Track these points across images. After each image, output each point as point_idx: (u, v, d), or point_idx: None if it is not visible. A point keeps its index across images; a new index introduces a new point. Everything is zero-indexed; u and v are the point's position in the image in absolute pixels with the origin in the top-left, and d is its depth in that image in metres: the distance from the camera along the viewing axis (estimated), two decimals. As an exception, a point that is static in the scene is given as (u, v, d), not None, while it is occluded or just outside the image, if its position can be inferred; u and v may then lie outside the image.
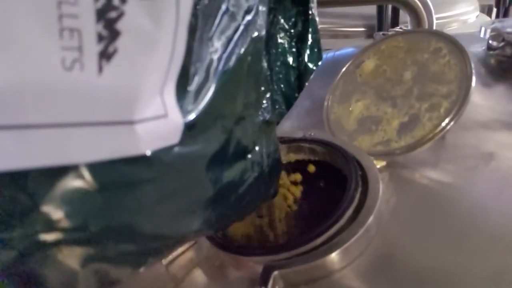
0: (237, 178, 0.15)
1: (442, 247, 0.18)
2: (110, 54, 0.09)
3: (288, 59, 0.19)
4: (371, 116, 0.26)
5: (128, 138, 0.10)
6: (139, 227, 0.12)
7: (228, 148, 0.14)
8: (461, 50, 0.24)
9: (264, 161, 0.17)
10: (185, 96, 0.12)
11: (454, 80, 0.24)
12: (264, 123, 0.16)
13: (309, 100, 0.37)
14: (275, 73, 0.19)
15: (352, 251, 0.18)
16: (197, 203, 0.14)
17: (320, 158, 0.25)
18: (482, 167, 0.23)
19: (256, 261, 0.19)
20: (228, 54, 0.13)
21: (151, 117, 0.11)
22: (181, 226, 0.13)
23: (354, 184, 0.20)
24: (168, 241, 0.14)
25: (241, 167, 0.15)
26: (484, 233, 0.18)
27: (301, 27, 0.19)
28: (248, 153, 0.16)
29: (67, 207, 0.10)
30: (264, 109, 0.16)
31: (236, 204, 0.16)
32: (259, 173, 0.16)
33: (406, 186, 0.23)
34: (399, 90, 0.26)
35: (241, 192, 0.16)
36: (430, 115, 0.24)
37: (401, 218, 0.21)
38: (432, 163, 0.24)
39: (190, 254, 0.22)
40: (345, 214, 0.19)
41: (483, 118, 0.28)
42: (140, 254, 0.13)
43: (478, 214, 0.20)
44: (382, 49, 0.28)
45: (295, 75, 0.20)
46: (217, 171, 0.14)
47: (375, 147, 0.25)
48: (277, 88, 0.19)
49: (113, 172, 0.10)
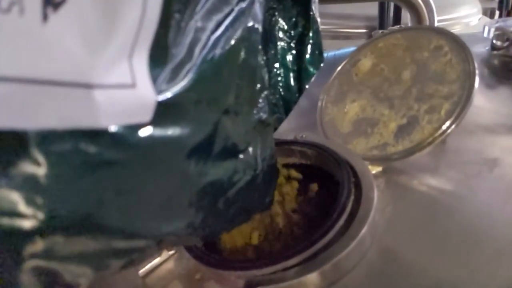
0: (225, 179, 0.14)
1: (442, 261, 0.17)
2: (57, 2, 0.08)
3: (287, 61, 0.18)
4: (367, 118, 0.25)
5: (84, 105, 0.09)
6: (100, 220, 0.10)
7: (214, 141, 0.13)
8: (463, 48, 0.23)
9: (258, 165, 0.16)
10: (161, 71, 0.11)
11: (456, 80, 0.22)
12: (260, 123, 0.15)
13: (307, 100, 0.36)
14: (273, 75, 0.18)
15: (343, 266, 0.17)
16: (176, 199, 0.12)
17: (311, 162, 0.23)
18: (485, 174, 0.22)
19: (238, 276, 0.18)
20: (217, 37, 0.12)
21: (115, 84, 0.09)
22: (156, 224, 0.12)
23: (346, 191, 0.19)
24: (139, 243, 0.12)
25: (231, 167, 0.14)
26: (488, 246, 0.18)
27: (302, 28, 0.19)
28: (240, 153, 0.15)
29: (8, 186, 0.08)
30: (260, 108, 0.15)
31: (225, 210, 0.15)
32: (252, 178, 0.15)
33: (403, 194, 0.22)
34: (397, 90, 0.24)
35: (231, 196, 0.15)
36: (430, 117, 0.22)
37: (398, 229, 0.20)
38: (432, 169, 0.23)
39: (170, 265, 0.21)
40: (336, 224, 0.18)
41: (487, 122, 0.26)
42: (101, 255, 0.11)
43: (482, 225, 0.19)
44: (379, 47, 0.27)
45: (295, 78, 0.19)
46: (201, 166, 0.13)
47: (370, 151, 0.23)
48: (275, 91, 0.18)
49: (66, 148, 0.09)
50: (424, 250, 0.18)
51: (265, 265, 0.17)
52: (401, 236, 0.19)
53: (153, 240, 0.12)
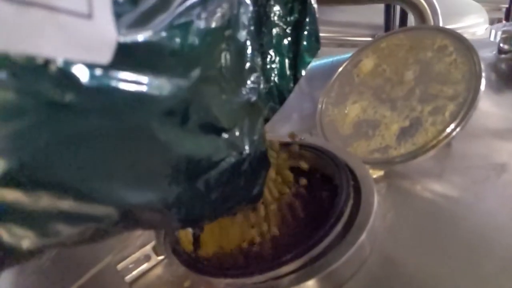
0: (205, 155, 0.13)
1: (446, 272, 0.16)
2: None
3: (282, 48, 0.17)
4: (368, 119, 0.24)
5: (22, 26, 0.07)
6: (44, 172, 0.09)
7: (189, 108, 0.12)
8: (468, 48, 0.22)
9: (245, 148, 0.15)
10: (128, 9, 0.10)
11: (461, 81, 0.21)
12: (248, 105, 0.15)
13: (309, 104, 0.36)
14: (268, 62, 0.17)
15: (340, 274, 0.16)
16: (145, 165, 0.11)
17: (310, 165, 0.22)
18: (492, 179, 0.21)
19: (228, 283, 0.17)
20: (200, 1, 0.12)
21: (67, 9, 0.08)
22: (119, 190, 0.11)
23: (345, 195, 0.18)
24: (96, 209, 0.10)
25: (213, 144, 0.13)
26: (495, 257, 0.17)
27: (298, 14, 0.18)
28: (224, 132, 0.14)
29: None
30: (249, 89, 0.15)
31: (205, 192, 0.14)
32: (237, 161, 0.14)
33: (405, 199, 0.21)
34: (399, 91, 0.23)
35: (212, 177, 0.14)
36: (433, 119, 0.21)
37: (399, 236, 0.19)
38: (436, 174, 0.22)
39: (158, 271, 0.20)
40: (333, 230, 0.17)
41: (494, 126, 0.26)
42: (46, 217, 0.09)
43: (489, 234, 0.18)
44: (382, 47, 0.26)
45: (290, 65, 0.18)
46: (174, 133, 0.12)
47: (371, 154, 0.22)
48: (269, 79, 0.17)
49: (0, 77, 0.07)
50: (426, 259, 0.17)
51: (256, 272, 0.16)
52: (403, 244, 0.18)
53: (116, 210, 0.11)
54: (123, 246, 0.21)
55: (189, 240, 0.20)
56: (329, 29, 0.73)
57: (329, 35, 0.72)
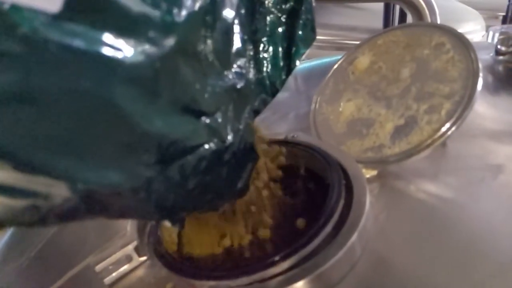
0: (180, 138, 0.12)
1: (440, 275, 0.16)
2: None
3: (276, 36, 0.17)
4: (363, 118, 0.23)
5: None
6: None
7: (159, 82, 0.11)
8: (466, 46, 0.21)
9: (228, 137, 0.14)
10: None
11: (458, 79, 0.21)
12: (234, 90, 0.14)
13: (307, 103, 0.35)
14: (261, 51, 0.17)
15: (329, 276, 0.16)
16: (105, 138, 0.10)
17: (301, 163, 0.22)
18: (489, 181, 0.20)
19: (211, 286, 0.16)
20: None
21: None
22: (75, 165, 0.10)
23: (336, 194, 0.17)
24: (44, 183, 0.10)
25: (189, 126, 0.12)
26: (491, 260, 0.16)
27: (294, 1, 0.17)
28: (205, 115, 0.13)
29: None
30: (236, 74, 0.14)
31: (182, 179, 0.13)
32: (218, 149, 0.14)
33: (399, 200, 0.20)
34: (395, 89, 0.23)
35: (189, 164, 0.13)
36: (429, 117, 0.20)
37: (392, 238, 0.18)
38: (431, 175, 0.21)
39: (140, 273, 0.19)
40: (322, 231, 0.16)
41: (491, 127, 0.25)
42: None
43: (484, 236, 0.18)
44: (378, 44, 0.25)
45: (284, 55, 0.17)
46: (141, 107, 0.10)
47: (365, 153, 0.22)
48: (261, 68, 0.17)
49: None
50: (420, 262, 0.17)
51: (241, 274, 0.15)
52: (395, 246, 0.18)
53: (68, 188, 0.10)
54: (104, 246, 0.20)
55: (172, 240, 0.19)
56: (328, 32, 0.73)
57: (327, 38, 0.73)
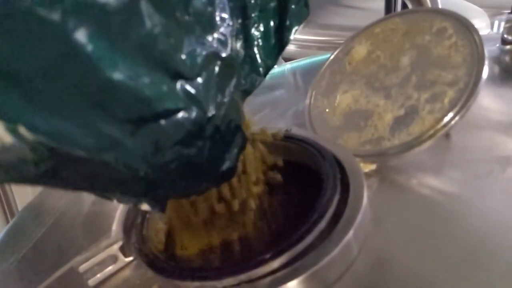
0: (152, 95, 0.11)
1: (443, 275, 0.15)
2: None
3: (268, 12, 0.17)
4: (360, 110, 0.22)
5: None
6: None
7: (123, 24, 0.10)
8: (470, 30, 0.20)
9: (209, 108, 0.13)
10: None
11: (461, 65, 0.19)
12: (217, 58, 0.13)
13: (304, 101, 0.34)
14: (251, 25, 0.16)
15: (324, 276, 0.15)
16: (58, 80, 0.09)
17: (295, 158, 0.21)
18: (496, 174, 0.19)
19: (196, 287, 0.15)
20: None
21: None
22: (17, 98, 0.09)
23: (330, 189, 0.17)
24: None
25: (163, 86, 0.12)
26: (499, 259, 0.16)
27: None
28: (183, 79, 0.12)
29: None
30: (218, 40, 0.13)
31: (156, 150, 0.12)
32: (199, 120, 0.13)
33: (399, 195, 0.20)
34: (394, 78, 0.22)
35: (165, 131, 0.12)
36: (431, 107, 0.19)
37: (391, 236, 0.17)
38: (434, 168, 0.21)
39: (126, 274, 0.18)
40: (316, 227, 0.15)
41: (497, 117, 0.24)
42: None
43: (491, 233, 0.17)
44: (376, 32, 0.24)
45: (276, 30, 0.17)
46: (103, 48, 0.10)
47: (363, 146, 0.21)
48: (252, 44, 0.16)
49: None
50: (422, 262, 0.16)
51: (229, 274, 0.14)
52: (396, 245, 0.17)
53: (6, 125, 0.09)
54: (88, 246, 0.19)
55: (159, 239, 0.18)
56: (328, 33, 0.74)
57: (327, 38, 0.73)
